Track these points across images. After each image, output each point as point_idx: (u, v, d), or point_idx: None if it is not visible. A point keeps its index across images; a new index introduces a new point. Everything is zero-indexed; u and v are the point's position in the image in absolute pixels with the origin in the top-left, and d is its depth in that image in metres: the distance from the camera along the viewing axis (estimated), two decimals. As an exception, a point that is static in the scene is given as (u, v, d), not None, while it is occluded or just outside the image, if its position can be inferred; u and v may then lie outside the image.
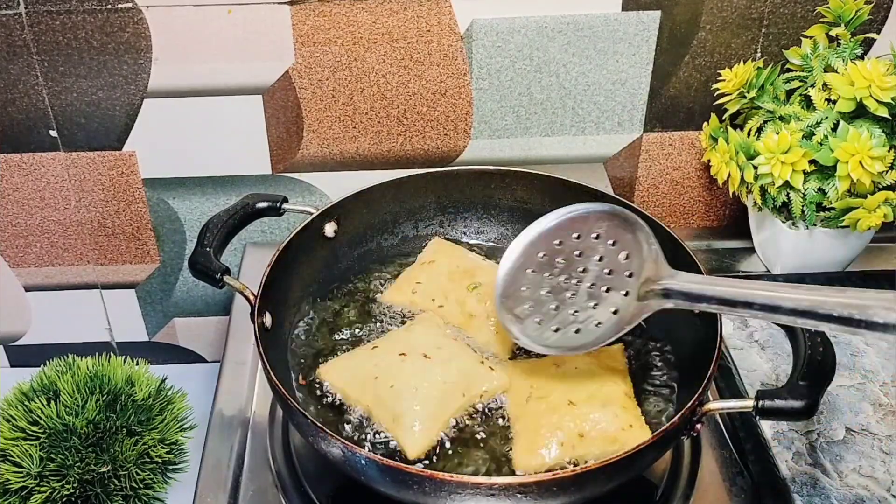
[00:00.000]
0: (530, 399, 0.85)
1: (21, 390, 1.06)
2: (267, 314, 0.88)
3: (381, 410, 0.84)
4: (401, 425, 0.82)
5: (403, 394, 0.83)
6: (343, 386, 0.87)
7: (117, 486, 0.99)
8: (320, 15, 1.05)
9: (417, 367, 0.85)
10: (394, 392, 0.83)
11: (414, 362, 0.86)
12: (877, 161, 0.94)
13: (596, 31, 1.07)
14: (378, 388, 0.85)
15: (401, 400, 0.83)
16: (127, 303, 1.26)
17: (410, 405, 0.83)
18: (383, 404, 0.84)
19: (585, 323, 0.83)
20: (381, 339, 0.92)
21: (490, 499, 0.71)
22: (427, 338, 0.90)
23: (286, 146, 1.14)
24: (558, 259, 0.84)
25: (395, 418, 0.83)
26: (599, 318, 0.82)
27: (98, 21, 1.04)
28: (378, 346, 0.90)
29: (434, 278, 0.98)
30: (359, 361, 0.89)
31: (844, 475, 0.85)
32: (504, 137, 1.15)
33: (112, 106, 1.10)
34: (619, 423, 0.81)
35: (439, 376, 0.85)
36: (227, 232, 0.93)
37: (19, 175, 1.14)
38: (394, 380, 0.84)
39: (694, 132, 1.15)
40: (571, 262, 0.83)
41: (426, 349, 0.87)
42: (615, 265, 0.82)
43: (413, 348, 0.87)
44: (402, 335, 0.91)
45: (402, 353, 0.87)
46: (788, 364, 0.79)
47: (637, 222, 0.82)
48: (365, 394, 0.85)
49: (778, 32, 1.08)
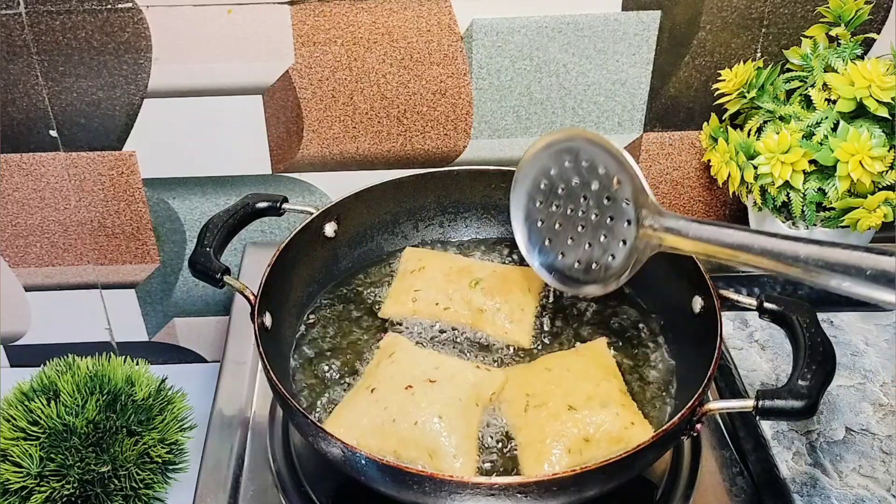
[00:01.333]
0: (528, 408, 0.84)
1: (21, 390, 1.06)
2: (267, 314, 0.88)
3: (414, 450, 0.80)
4: (442, 458, 0.79)
5: (431, 427, 0.80)
6: (358, 437, 0.81)
7: (117, 486, 0.99)
8: (320, 15, 1.05)
9: (430, 395, 0.82)
10: (420, 429, 0.80)
11: (425, 391, 0.82)
12: (877, 161, 0.94)
13: (596, 31, 1.07)
14: (400, 429, 0.81)
15: (431, 434, 0.80)
16: (127, 303, 1.26)
17: (440, 436, 0.80)
18: (413, 444, 0.80)
19: (602, 256, 0.85)
20: (373, 379, 0.86)
21: (490, 499, 0.71)
22: (418, 361, 0.87)
23: (286, 146, 1.14)
24: (560, 186, 0.88)
25: (432, 454, 0.80)
26: (612, 250, 0.84)
27: (98, 21, 1.04)
28: (375, 387, 0.85)
29: (431, 283, 0.97)
30: (365, 410, 0.83)
31: (844, 475, 0.85)
32: (504, 137, 1.15)
33: (112, 106, 1.10)
34: (621, 423, 0.81)
35: (453, 396, 0.83)
36: (227, 232, 0.93)
37: (19, 175, 1.14)
38: (414, 416, 0.81)
39: (694, 132, 1.15)
40: (572, 191, 0.87)
41: (426, 374, 0.84)
42: (611, 192, 0.84)
43: (414, 377, 0.84)
44: (393, 370, 0.86)
45: (408, 385, 0.83)
46: (788, 364, 0.79)
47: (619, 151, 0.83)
48: (387, 440, 0.81)
49: (778, 32, 1.08)
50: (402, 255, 1.03)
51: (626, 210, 0.83)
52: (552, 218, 0.89)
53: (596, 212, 0.85)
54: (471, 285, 0.96)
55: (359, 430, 0.82)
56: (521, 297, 0.96)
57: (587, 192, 0.86)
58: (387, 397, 0.83)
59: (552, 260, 0.90)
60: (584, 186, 0.86)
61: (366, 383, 0.86)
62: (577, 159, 0.86)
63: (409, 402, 0.82)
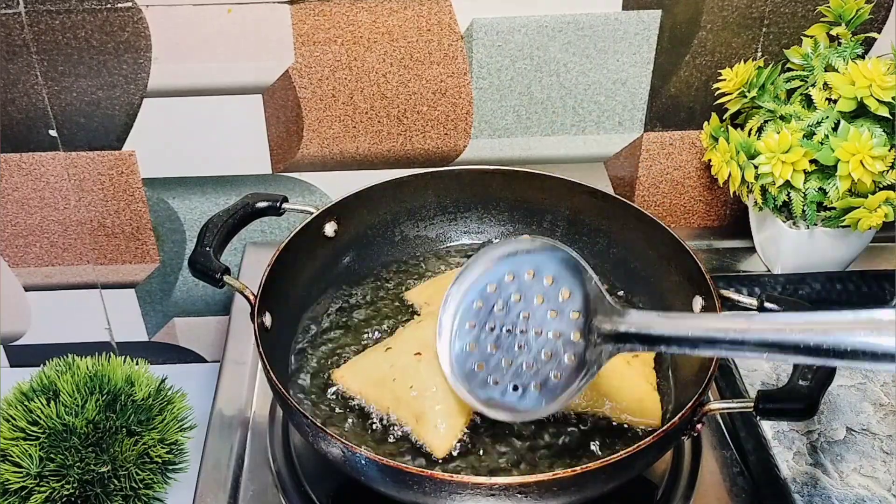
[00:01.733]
0: None
1: (21, 390, 1.06)
2: (267, 314, 0.88)
3: (403, 411, 0.84)
4: (425, 425, 0.83)
5: (424, 394, 0.84)
6: (360, 388, 0.87)
7: (117, 486, 0.99)
8: (320, 14, 1.05)
9: (434, 366, 0.84)
10: (413, 393, 0.84)
11: (430, 362, 0.85)
12: (877, 160, 0.94)
13: (596, 31, 1.07)
14: (397, 389, 0.85)
15: (422, 400, 0.83)
16: (127, 303, 1.26)
17: (431, 405, 0.83)
18: (404, 405, 0.84)
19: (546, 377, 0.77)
20: (393, 339, 0.92)
21: (490, 499, 0.71)
22: None
23: (286, 146, 1.14)
24: (496, 306, 0.80)
25: (417, 418, 0.83)
26: (557, 370, 0.76)
27: (98, 20, 1.04)
28: (391, 346, 0.90)
29: None
30: (374, 363, 0.89)
31: (845, 475, 0.85)
32: (504, 137, 1.15)
33: (112, 105, 1.10)
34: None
35: None
36: (227, 232, 0.93)
37: (19, 175, 1.14)
38: (412, 381, 0.84)
39: (694, 132, 1.15)
40: (511, 308, 0.79)
41: None
42: (557, 305, 0.77)
43: (427, 346, 0.86)
44: (412, 334, 0.91)
45: (417, 352, 0.87)
46: (789, 364, 0.79)
47: (571, 257, 0.77)
48: (384, 396, 0.86)
49: (778, 32, 1.08)
50: (417, 300, 0.99)
51: (574, 323, 0.76)
52: (486, 340, 0.80)
53: (537, 328, 0.77)
54: None
55: (363, 379, 0.88)
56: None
57: (528, 308, 0.78)
58: (396, 358, 0.87)
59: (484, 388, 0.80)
60: (524, 302, 0.78)
61: (388, 342, 0.91)
62: (518, 273, 0.79)
63: (412, 366, 0.85)
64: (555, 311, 0.77)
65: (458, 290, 0.83)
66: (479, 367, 0.80)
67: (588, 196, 1.02)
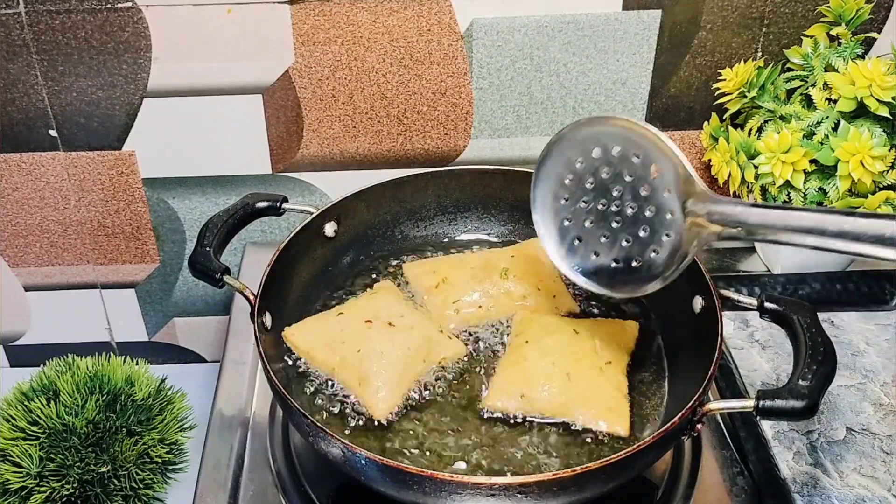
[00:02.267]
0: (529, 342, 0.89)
1: (21, 390, 1.06)
2: (267, 314, 0.88)
3: (347, 373, 0.87)
4: (367, 388, 0.86)
5: (370, 358, 0.87)
6: (308, 348, 0.90)
7: (117, 486, 0.99)
8: (320, 14, 1.05)
9: (382, 334, 0.89)
10: (360, 356, 0.87)
11: (379, 329, 0.89)
12: (877, 160, 0.94)
13: (596, 31, 1.07)
14: (345, 351, 0.88)
15: (367, 364, 0.87)
16: (127, 303, 1.26)
17: (377, 369, 0.86)
18: (349, 367, 0.87)
19: (644, 253, 0.78)
20: (346, 306, 0.95)
21: (490, 499, 0.71)
22: (390, 306, 0.93)
23: (286, 146, 1.14)
24: (588, 180, 0.80)
25: (360, 381, 0.86)
26: (654, 245, 0.77)
27: (98, 20, 1.04)
28: (343, 312, 0.93)
29: (464, 289, 0.97)
30: (325, 325, 0.92)
31: (845, 475, 0.85)
32: (504, 137, 1.15)
33: (112, 105, 1.10)
34: (606, 401, 0.85)
35: (402, 343, 0.88)
36: (227, 232, 0.93)
37: (19, 175, 1.14)
38: (360, 345, 0.88)
39: (695, 131, 1.15)
40: (602, 183, 0.79)
41: (390, 317, 0.91)
42: (649, 182, 0.76)
43: (378, 316, 0.91)
44: (365, 302, 0.94)
45: (368, 320, 0.90)
46: (789, 364, 0.79)
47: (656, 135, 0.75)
48: (332, 356, 0.89)
49: (778, 32, 1.08)
50: (408, 274, 1.02)
51: (667, 200, 0.75)
52: (581, 215, 0.81)
53: (632, 205, 0.78)
54: (502, 276, 0.97)
55: (313, 340, 0.90)
56: (550, 269, 0.96)
57: (620, 185, 0.78)
58: (347, 322, 0.91)
59: (585, 261, 0.82)
60: (615, 178, 0.78)
61: (340, 308, 0.95)
62: (606, 148, 0.78)
63: (362, 332, 0.89)
64: (648, 186, 0.77)
65: (546, 166, 0.82)
66: (578, 242, 0.82)
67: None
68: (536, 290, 0.97)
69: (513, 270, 0.98)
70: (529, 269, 0.98)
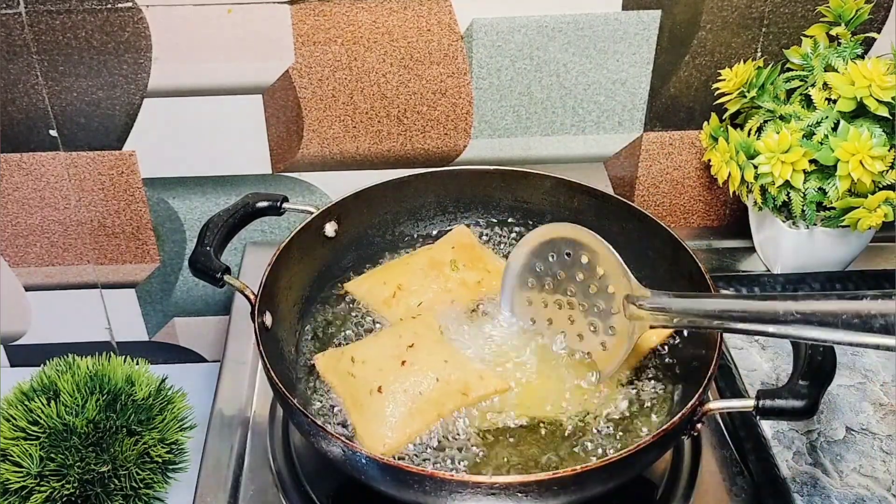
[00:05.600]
0: None
1: (21, 390, 1.06)
2: (267, 313, 0.88)
3: (357, 412, 0.84)
4: (366, 431, 0.83)
5: (380, 399, 0.83)
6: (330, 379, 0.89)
7: (117, 486, 0.99)
8: (320, 14, 1.05)
9: (403, 379, 0.85)
10: (373, 397, 0.84)
11: (407, 373, 0.85)
12: (877, 160, 0.94)
13: (596, 31, 1.07)
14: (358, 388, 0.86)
15: (375, 406, 0.83)
16: (127, 302, 1.26)
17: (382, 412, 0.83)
18: (363, 405, 0.84)
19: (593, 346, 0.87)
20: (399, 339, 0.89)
21: (490, 498, 0.71)
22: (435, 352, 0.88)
23: (286, 146, 1.14)
24: (547, 281, 0.89)
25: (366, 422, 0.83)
26: (602, 340, 0.85)
27: (98, 21, 1.04)
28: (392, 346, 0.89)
29: (421, 291, 0.96)
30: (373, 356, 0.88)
31: (845, 475, 0.85)
32: (504, 137, 1.15)
33: (112, 105, 1.10)
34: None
35: (418, 391, 0.84)
36: (228, 231, 0.93)
37: (19, 175, 1.14)
38: (380, 383, 0.84)
39: (694, 132, 1.15)
40: (559, 284, 0.88)
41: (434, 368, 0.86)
42: (596, 281, 0.85)
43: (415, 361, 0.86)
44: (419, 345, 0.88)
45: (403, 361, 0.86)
46: (789, 364, 0.80)
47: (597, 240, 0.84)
48: (357, 390, 0.86)
49: (778, 32, 1.08)
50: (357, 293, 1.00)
51: (611, 298, 0.84)
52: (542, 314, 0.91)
53: (584, 303, 0.87)
54: (452, 268, 0.98)
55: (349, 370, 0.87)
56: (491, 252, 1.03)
57: (573, 285, 0.87)
58: (380, 361, 0.87)
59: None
60: (569, 279, 0.87)
61: (382, 338, 0.91)
62: (560, 252, 0.87)
63: (392, 373, 0.85)
64: (595, 286, 0.85)
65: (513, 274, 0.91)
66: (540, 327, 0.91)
67: (588, 196, 1.02)
68: (487, 273, 0.98)
69: (460, 260, 0.99)
70: (473, 255, 1.01)
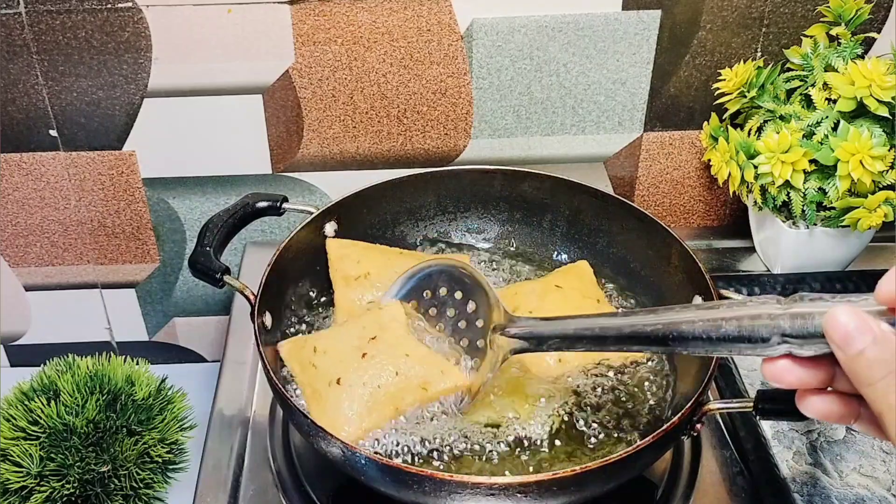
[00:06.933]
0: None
1: (21, 390, 1.06)
2: (267, 314, 0.88)
3: (320, 405, 0.84)
4: (333, 419, 0.83)
5: (341, 394, 0.83)
6: (300, 365, 0.88)
7: (117, 486, 0.99)
8: (320, 14, 1.05)
9: (363, 371, 0.84)
10: (333, 387, 0.83)
11: (368, 365, 0.85)
12: (877, 160, 0.94)
13: (596, 31, 1.07)
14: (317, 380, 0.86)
15: (336, 399, 0.83)
16: (127, 302, 1.26)
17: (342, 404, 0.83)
18: (324, 398, 0.84)
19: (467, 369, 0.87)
20: (354, 330, 0.89)
21: (490, 499, 0.71)
22: (399, 345, 0.87)
23: (286, 146, 1.14)
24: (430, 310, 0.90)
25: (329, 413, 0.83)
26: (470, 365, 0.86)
27: (98, 21, 1.04)
28: (348, 336, 0.88)
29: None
30: (329, 345, 0.88)
31: (845, 475, 0.85)
32: (504, 137, 1.15)
33: (112, 105, 1.10)
34: None
35: (378, 384, 0.84)
36: (227, 231, 0.93)
37: (19, 175, 1.14)
38: (341, 375, 0.84)
39: (694, 132, 1.15)
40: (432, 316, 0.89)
41: (394, 361, 0.85)
42: (466, 316, 0.86)
43: (378, 353, 0.86)
44: (376, 336, 0.88)
45: (364, 353, 0.85)
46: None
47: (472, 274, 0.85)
48: (317, 379, 0.85)
49: (778, 32, 1.08)
50: (330, 251, 0.99)
51: (480, 330, 0.84)
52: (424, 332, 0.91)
53: (451, 334, 0.88)
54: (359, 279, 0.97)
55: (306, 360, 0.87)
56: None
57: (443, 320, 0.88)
58: (341, 352, 0.86)
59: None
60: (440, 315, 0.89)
61: (347, 328, 0.90)
62: (436, 288, 0.89)
63: (352, 365, 0.84)
64: (465, 321, 0.86)
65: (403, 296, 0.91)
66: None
67: (588, 196, 1.02)
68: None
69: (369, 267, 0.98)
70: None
